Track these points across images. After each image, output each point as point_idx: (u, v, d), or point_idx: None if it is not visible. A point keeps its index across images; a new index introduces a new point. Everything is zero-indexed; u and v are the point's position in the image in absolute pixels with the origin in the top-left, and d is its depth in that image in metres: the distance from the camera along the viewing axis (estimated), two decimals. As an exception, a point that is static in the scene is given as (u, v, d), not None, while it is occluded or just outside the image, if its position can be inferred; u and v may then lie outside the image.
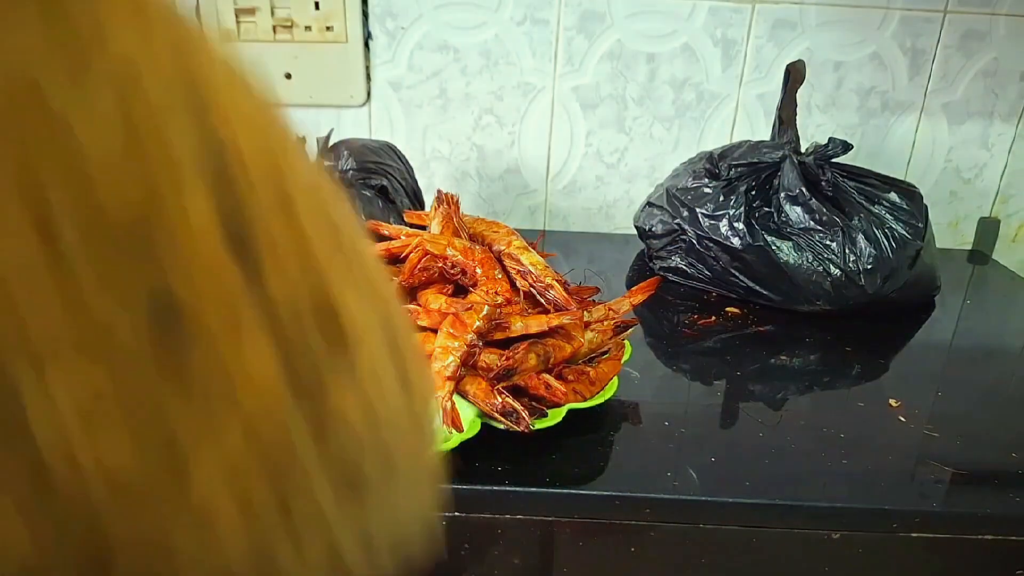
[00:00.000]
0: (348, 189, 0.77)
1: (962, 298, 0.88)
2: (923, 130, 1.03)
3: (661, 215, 0.86)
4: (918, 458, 0.54)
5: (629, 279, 0.89)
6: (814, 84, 0.99)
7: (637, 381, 0.63)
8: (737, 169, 0.81)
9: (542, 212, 1.07)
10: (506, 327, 0.54)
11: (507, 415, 0.49)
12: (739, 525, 0.50)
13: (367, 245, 0.18)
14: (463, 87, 0.99)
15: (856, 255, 0.75)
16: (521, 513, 0.50)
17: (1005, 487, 0.52)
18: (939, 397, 0.65)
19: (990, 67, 0.99)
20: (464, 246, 0.60)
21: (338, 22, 0.95)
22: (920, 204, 0.79)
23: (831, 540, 0.50)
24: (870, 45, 0.98)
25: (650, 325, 0.76)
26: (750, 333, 0.74)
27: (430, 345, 0.54)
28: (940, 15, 0.96)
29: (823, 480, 0.51)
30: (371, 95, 1.00)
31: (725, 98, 1.00)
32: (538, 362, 0.53)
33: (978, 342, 0.77)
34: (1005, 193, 1.07)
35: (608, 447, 0.54)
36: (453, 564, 0.51)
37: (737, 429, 0.58)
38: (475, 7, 0.95)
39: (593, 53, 0.97)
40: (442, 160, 1.03)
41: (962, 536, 0.50)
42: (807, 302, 0.77)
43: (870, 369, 0.69)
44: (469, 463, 0.50)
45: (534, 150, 1.03)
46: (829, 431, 0.57)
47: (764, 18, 0.96)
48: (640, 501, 0.49)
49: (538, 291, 0.58)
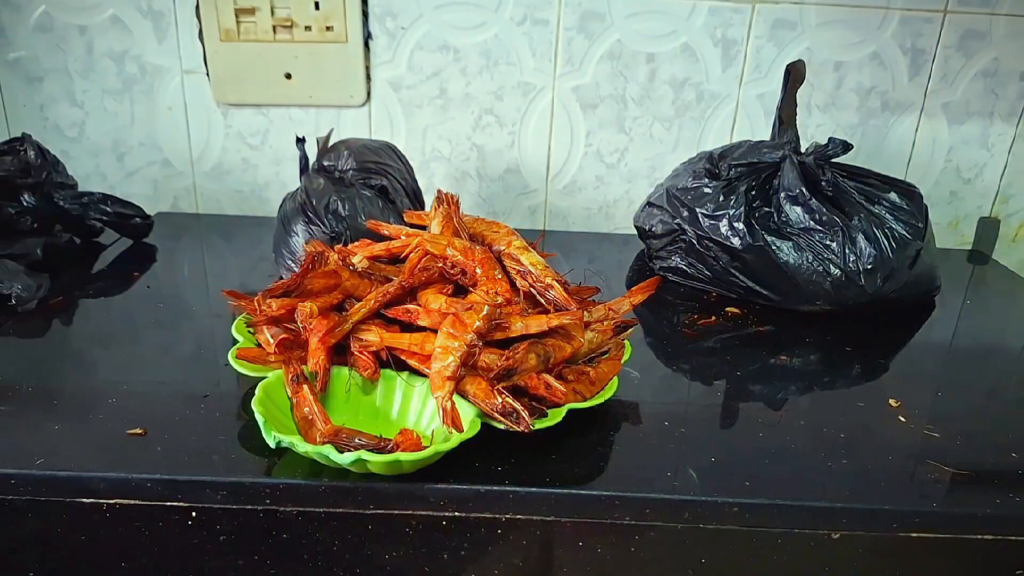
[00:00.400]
0: (348, 189, 0.77)
1: (962, 298, 0.88)
2: (923, 130, 1.03)
3: (661, 215, 0.86)
4: (918, 458, 0.54)
5: (629, 279, 0.89)
6: (814, 84, 0.99)
7: (637, 381, 0.63)
8: (737, 169, 0.81)
9: (542, 212, 1.07)
10: (506, 327, 0.54)
11: (507, 415, 0.49)
12: (739, 525, 0.50)
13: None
14: (463, 87, 0.99)
15: (856, 255, 0.75)
16: (521, 513, 0.50)
17: (1005, 487, 0.52)
18: (939, 397, 0.65)
19: (990, 67, 0.99)
20: (464, 246, 0.60)
21: (338, 22, 0.95)
22: (920, 204, 0.79)
23: (831, 540, 0.50)
24: (870, 45, 0.98)
25: (650, 325, 0.76)
26: (750, 333, 0.74)
27: (430, 345, 0.54)
28: (940, 15, 0.96)
29: (823, 480, 0.51)
30: (371, 95, 1.00)
31: (725, 98, 1.00)
32: (538, 362, 0.53)
33: (978, 342, 0.77)
34: (1005, 193, 1.07)
35: (608, 447, 0.54)
36: (453, 564, 0.51)
37: (737, 429, 0.58)
38: (475, 7, 0.95)
39: (593, 53, 0.97)
40: (442, 160, 1.03)
41: (962, 536, 0.50)
42: (807, 302, 0.77)
43: (870, 369, 0.69)
44: (469, 463, 0.50)
45: (534, 150, 1.03)
46: (829, 431, 0.57)
47: (764, 18, 0.96)
48: (640, 501, 0.49)
49: (538, 291, 0.58)
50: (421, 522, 0.50)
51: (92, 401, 0.56)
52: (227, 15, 0.94)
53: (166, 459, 0.50)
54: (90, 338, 0.68)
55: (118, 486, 0.49)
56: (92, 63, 0.98)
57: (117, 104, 1.00)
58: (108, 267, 0.85)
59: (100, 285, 0.80)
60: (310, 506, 0.49)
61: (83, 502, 0.49)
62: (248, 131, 1.02)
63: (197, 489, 0.49)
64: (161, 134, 1.02)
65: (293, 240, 0.76)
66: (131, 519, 0.49)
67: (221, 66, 0.97)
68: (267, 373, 0.54)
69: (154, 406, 0.56)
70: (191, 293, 0.80)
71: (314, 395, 0.52)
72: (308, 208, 0.76)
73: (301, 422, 0.51)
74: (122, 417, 0.54)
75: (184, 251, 0.92)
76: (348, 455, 0.46)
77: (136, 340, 0.68)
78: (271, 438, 0.47)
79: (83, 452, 0.50)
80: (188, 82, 0.99)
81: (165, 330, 0.70)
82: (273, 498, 0.49)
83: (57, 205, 0.84)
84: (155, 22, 0.96)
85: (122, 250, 0.90)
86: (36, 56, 0.97)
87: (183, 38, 0.97)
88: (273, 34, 0.95)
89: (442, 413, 0.50)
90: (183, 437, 0.52)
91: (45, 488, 0.49)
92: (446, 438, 0.49)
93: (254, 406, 0.50)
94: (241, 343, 0.58)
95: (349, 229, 0.75)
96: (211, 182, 1.05)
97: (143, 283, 0.80)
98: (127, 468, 0.49)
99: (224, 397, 0.58)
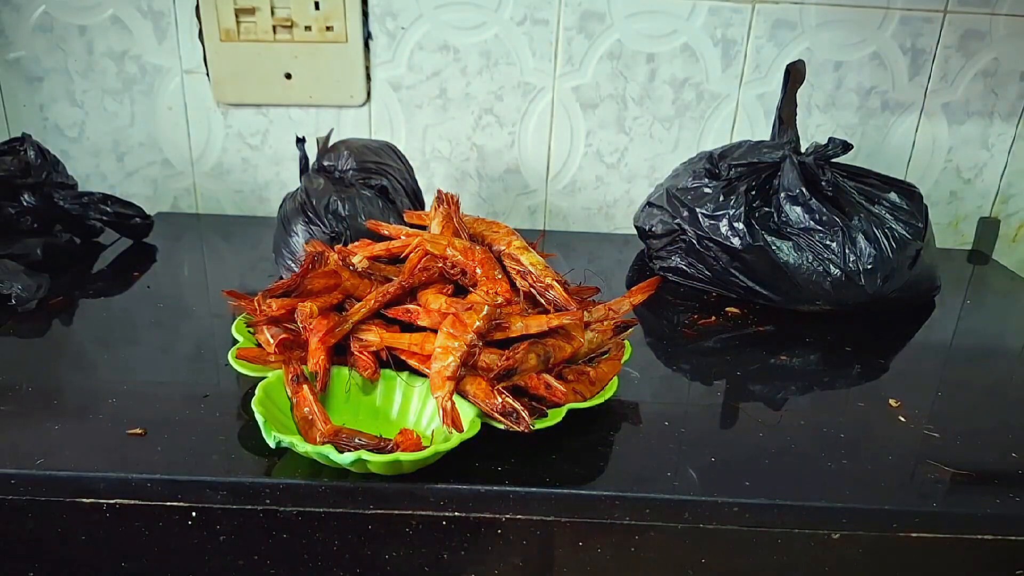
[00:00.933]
0: (348, 189, 0.77)
1: (962, 298, 0.88)
2: (923, 130, 1.03)
3: (661, 215, 0.86)
4: (918, 458, 0.54)
5: (629, 279, 0.89)
6: (814, 84, 0.99)
7: (637, 381, 0.63)
8: (737, 169, 0.81)
9: (542, 212, 1.07)
10: (506, 327, 0.54)
11: (507, 415, 0.49)
12: (739, 525, 0.50)
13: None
14: (463, 87, 0.99)
15: (856, 255, 0.75)
16: (521, 513, 0.50)
17: (1005, 487, 0.52)
18: (939, 397, 0.65)
19: (990, 67, 0.99)
20: (464, 246, 0.60)
21: (338, 22, 0.95)
22: (920, 204, 0.79)
23: (831, 540, 0.50)
24: (870, 45, 0.98)
25: (650, 325, 0.76)
26: (750, 333, 0.74)
27: (430, 345, 0.54)
28: (940, 15, 0.96)
29: (823, 480, 0.51)
30: (371, 95, 1.00)
31: (725, 98, 1.00)
32: (538, 362, 0.53)
33: (978, 342, 0.77)
34: (1005, 193, 1.07)
35: (608, 447, 0.54)
36: (453, 564, 0.51)
37: (737, 429, 0.58)
38: (475, 7, 0.95)
39: (593, 53, 0.97)
40: (442, 160, 1.03)
41: (962, 536, 0.50)
42: (807, 302, 0.77)
43: (870, 369, 0.69)
44: (469, 463, 0.50)
45: (534, 150, 1.03)
46: (829, 431, 0.57)
47: (764, 18, 0.96)
48: (640, 501, 0.49)
49: (538, 291, 0.58)
50: (421, 522, 0.50)
51: (92, 401, 0.56)
52: (227, 15, 0.94)
53: (166, 459, 0.50)
54: (90, 338, 0.68)
55: (118, 486, 0.49)
56: (92, 63, 0.98)
57: (117, 104, 1.00)
58: (108, 267, 0.85)
59: (100, 285, 0.80)
60: (310, 506, 0.49)
61: (83, 502, 0.49)
62: (248, 131, 1.02)
63: (197, 489, 0.49)
64: (161, 134, 1.02)
65: (293, 240, 0.76)
66: (131, 519, 0.49)
67: (221, 66, 0.97)
68: (267, 373, 0.54)
69: (154, 406, 0.56)
70: (191, 293, 0.80)
71: (314, 395, 0.52)
72: (308, 208, 0.76)
73: (301, 422, 0.51)
74: (122, 417, 0.54)
75: (184, 251, 0.92)
76: (348, 455, 0.46)
77: (136, 340, 0.68)
78: (271, 438, 0.47)
79: (83, 452, 0.50)
80: (188, 82, 0.99)
81: (165, 330, 0.70)
82: (273, 498, 0.49)
83: (57, 205, 0.84)
84: (155, 22, 0.96)
85: (122, 250, 0.90)
86: (36, 56, 0.97)
87: (183, 38, 0.97)
88: (273, 34, 0.95)
89: (442, 413, 0.50)
90: (183, 437, 0.52)
91: (45, 488, 0.49)
92: (446, 438, 0.49)
93: (254, 406, 0.50)
94: (241, 343, 0.58)
95: (349, 229, 0.75)
96: (211, 182, 1.05)
97: (143, 283, 0.80)
98: (127, 468, 0.49)
99: (224, 397, 0.58)
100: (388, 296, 0.57)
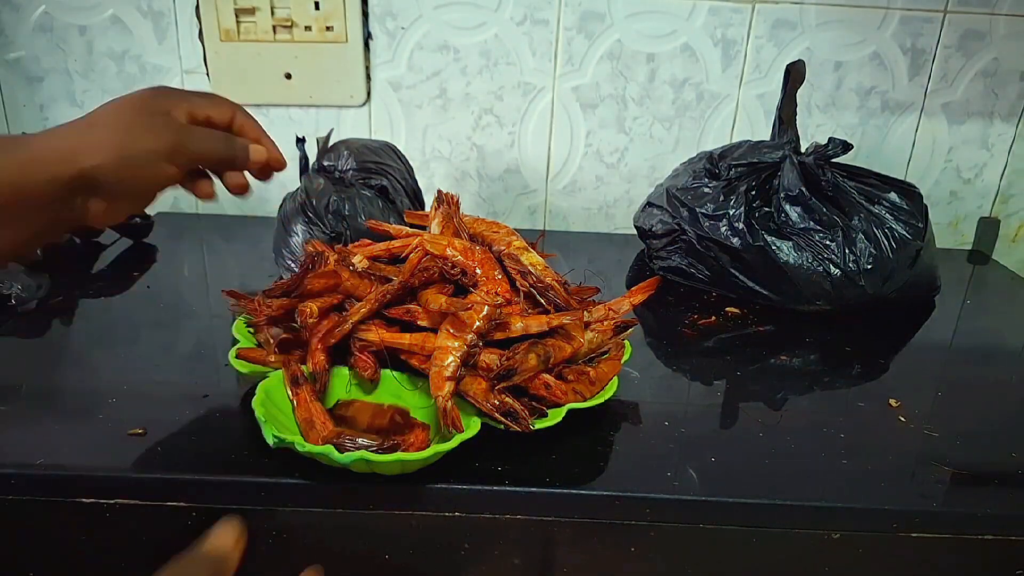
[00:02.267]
0: (348, 189, 0.77)
1: (962, 298, 0.88)
2: (923, 130, 1.03)
3: (661, 215, 0.86)
4: (918, 458, 0.54)
5: (629, 279, 0.89)
6: (814, 84, 0.99)
7: (637, 381, 0.63)
8: (737, 169, 0.81)
9: (542, 212, 1.07)
10: (506, 327, 0.54)
11: (507, 415, 0.49)
12: (739, 525, 0.50)
13: None
14: (463, 87, 0.99)
15: (856, 255, 0.75)
16: (521, 513, 0.50)
17: (1005, 487, 0.52)
18: (939, 397, 0.65)
19: (990, 67, 0.99)
20: (464, 246, 0.60)
21: (338, 22, 0.95)
22: (920, 204, 0.79)
23: (831, 540, 0.50)
24: (870, 45, 0.98)
25: (650, 325, 0.76)
26: (750, 333, 0.74)
27: (430, 345, 0.54)
28: (940, 15, 0.96)
29: (823, 480, 0.51)
30: (371, 95, 1.00)
31: (725, 98, 1.00)
32: (538, 362, 0.53)
33: (978, 342, 0.77)
34: (1005, 193, 1.07)
35: (608, 447, 0.54)
36: (453, 564, 0.51)
37: (737, 429, 0.58)
38: (475, 7, 0.95)
39: (593, 53, 0.97)
40: (442, 160, 1.03)
41: (962, 536, 0.50)
42: (807, 302, 0.77)
43: (870, 369, 0.69)
44: (469, 463, 0.50)
45: (534, 150, 1.03)
46: (829, 431, 0.57)
47: (764, 18, 0.96)
48: (640, 501, 0.49)
49: (538, 291, 0.58)
50: (421, 522, 0.50)
51: (92, 401, 0.56)
52: (227, 15, 0.94)
53: (166, 459, 0.50)
54: (90, 338, 0.68)
55: (118, 486, 0.49)
56: (92, 63, 0.98)
57: (117, 104, 1.00)
58: (108, 267, 0.85)
59: (100, 285, 0.80)
60: (310, 506, 0.49)
61: (83, 502, 0.49)
62: (248, 131, 1.01)
63: (197, 489, 0.49)
64: (161, 134, 1.02)
65: (293, 240, 0.76)
66: (131, 519, 0.49)
67: (221, 66, 0.97)
68: (267, 373, 0.54)
69: (154, 406, 0.56)
70: (191, 293, 0.80)
71: (314, 395, 0.52)
72: (308, 208, 0.76)
73: (302, 423, 0.51)
74: (122, 417, 0.54)
75: (184, 251, 0.92)
76: (348, 455, 0.46)
77: (136, 340, 0.68)
78: (271, 438, 0.47)
79: (83, 452, 0.50)
80: (188, 82, 0.99)
81: (165, 330, 0.70)
82: (273, 498, 0.49)
83: (57, 205, 0.84)
84: (155, 22, 0.96)
85: (122, 250, 0.90)
86: (36, 56, 0.97)
87: (183, 38, 0.97)
88: (273, 34, 0.95)
89: (442, 413, 0.50)
90: (183, 437, 0.52)
91: (45, 488, 0.49)
92: (446, 438, 0.49)
93: (254, 406, 0.49)
94: (241, 343, 0.58)
95: (349, 229, 0.75)
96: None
97: (143, 283, 0.80)
98: (127, 468, 0.49)
99: (224, 397, 0.58)
100: (388, 296, 0.57)
